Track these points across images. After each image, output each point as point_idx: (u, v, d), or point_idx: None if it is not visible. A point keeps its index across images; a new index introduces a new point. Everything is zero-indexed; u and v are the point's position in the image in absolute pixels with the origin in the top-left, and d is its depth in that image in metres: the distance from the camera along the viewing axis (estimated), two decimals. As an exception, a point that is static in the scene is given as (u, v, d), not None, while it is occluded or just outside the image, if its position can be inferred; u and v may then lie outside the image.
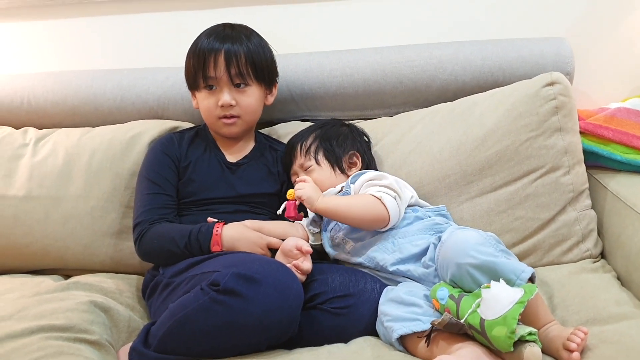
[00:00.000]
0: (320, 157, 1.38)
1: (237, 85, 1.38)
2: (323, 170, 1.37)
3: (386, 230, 1.25)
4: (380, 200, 1.22)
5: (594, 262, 1.34)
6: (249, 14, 1.62)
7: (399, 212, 1.23)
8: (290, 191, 1.30)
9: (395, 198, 1.23)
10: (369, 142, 1.47)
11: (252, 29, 1.45)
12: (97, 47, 1.75)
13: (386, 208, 1.21)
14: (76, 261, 1.48)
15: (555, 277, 1.26)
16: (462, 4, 1.65)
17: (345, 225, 1.28)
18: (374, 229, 1.25)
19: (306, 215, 1.38)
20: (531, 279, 1.06)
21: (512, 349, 0.94)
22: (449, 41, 1.60)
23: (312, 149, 1.39)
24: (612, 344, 0.99)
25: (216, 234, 1.25)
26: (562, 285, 1.22)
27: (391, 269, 1.20)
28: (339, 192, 1.33)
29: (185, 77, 1.45)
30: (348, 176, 1.36)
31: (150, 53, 1.73)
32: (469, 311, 0.97)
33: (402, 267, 1.19)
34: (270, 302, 1.04)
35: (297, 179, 1.34)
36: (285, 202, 1.30)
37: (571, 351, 0.97)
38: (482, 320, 0.96)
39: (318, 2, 1.67)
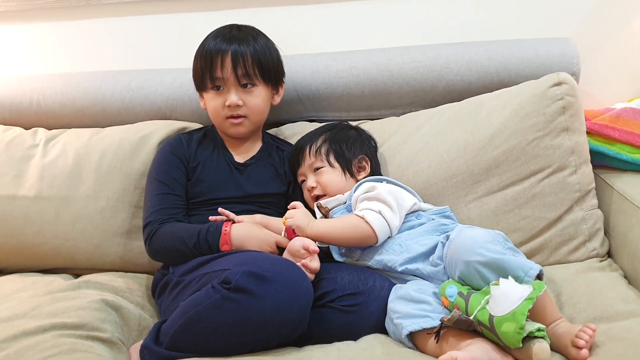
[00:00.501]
0: (332, 159, 1.39)
1: (244, 86, 1.40)
2: (335, 172, 1.38)
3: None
4: (363, 218, 1.23)
5: (601, 261, 1.34)
6: (256, 15, 1.64)
7: (387, 225, 1.23)
8: (283, 219, 1.30)
9: (380, 212, 1.23)
10: (376, 147, 1.48)
11: (258, 30, 1.46)
12: (105, 48, 1.77)
13: (370, 226, 1.22)
14: (86, 260, 1.50)
15: (563, 276, 1.26)
16: (467, 5, 1.66)
17: None
18: (366, 246, 1.26)
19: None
20: (539, 277, 1.07)
21: (521, 345, 0.95)
22: (455, 42, 1.61)
23: (323, 150, 1.40)
24: (620, 341, 1.00)
25: (225, 233, 1.27)
26: (569, 284, 1.22)
27: (400, 269, 1.21)
28: (344, 203, 1.34)
29: (193, 78, 1.46)
30: (357, 180, 1.37)
31: (158, 54, 1.75)
32: (478, 308, 0.98)
33: (411, 266, 1.20)
34: (280, 300, 1.05)
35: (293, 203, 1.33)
36: (284, 228, 1.31)
37: (579, 348, 0.98)
38: (491, 317, 0.97)
39: (325, 3, 1.68)
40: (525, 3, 1.65)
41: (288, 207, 1.33)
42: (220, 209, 1.32)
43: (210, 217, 1.32)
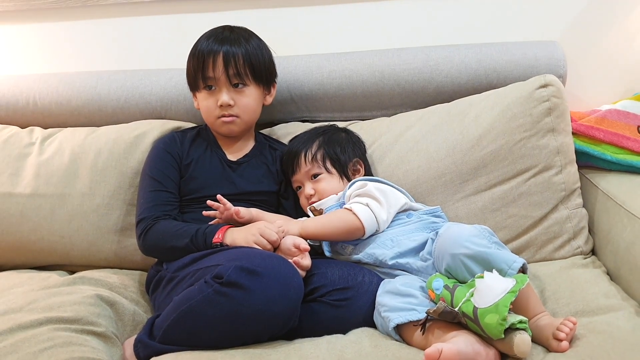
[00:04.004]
0: (329, 165, 1.41)
1: (235, 86, 1.42)
2: (332, 178, 1.40)
3: (380, 233, 1.28)
4: (351, 211, 1.26)
5: (585, 258, 1.37)
6: (250, 17, 1.66)
7: (374, 218, 1.26)
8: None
9: (367, 205, 1.26)
10: (365, 148, 1.50)
11: (251, 31, 1.48)
12: (101, 49, 1.78)
13: (357, 217, 1.25)
14: (81, 257, 1.52)
15: (547, 272, 1.29)
16: (458, 9, 1.69)
17: None
18: (355, 239, 1.28)
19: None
20: (523, 270, 1.10)
21: (503, 336, 0.97)
22: (445, 44, 1.63)
23: (319, 156, 1.41)
24: (600, 334, 1.02)
25: (221, 230, 1.28)
26: (553, 279, 1.25)
27: (390, 262, 1.23)
28: (337, 201, 1.36)
29: (186, 78, 1.48)
30: None
31: (153, 55, 1.77)
32: (463, 300, 1.01)
33: (401, 261, 1.23)
34: (271, 294, 1.07)
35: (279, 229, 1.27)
36: None
37: (560, 340, 1.00)
38: (475, 309, 0.99)
39: (318, 5, 1.70)
40: (514, 7, 1.67)
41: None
42: (219, 196, 1.30)
43: (204, 212, 1.33)
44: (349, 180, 1.40)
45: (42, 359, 1.04)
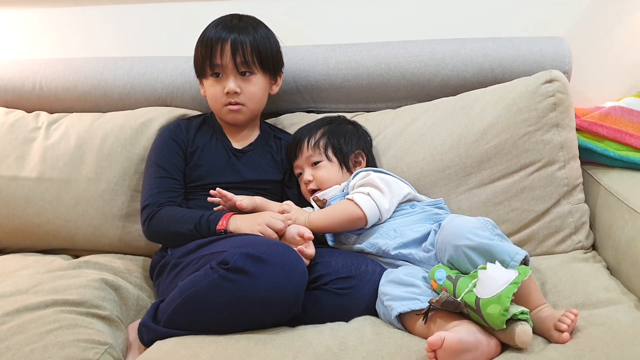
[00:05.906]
0: (330, 153, 1.42)
1: (243, 74, 1.43)
2: (332, 166, 1.41)
3: (383, 223, 1.30)
4: (352, 200, 1.27)
5: (586, 253, 1.38)
6: (258, 5, 1.66)
7: (376, 207, 1.27)
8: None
9: (368, 194, 1.27)
10: (371, 142, 1.51)
11: (259, 20, 1.49)
12: (108, 35, 1.79)
13: (359, 207, 1.26)
14: (86, 242, 1.53)
15: (548, 266, 1.30)
16: (465, 2, 1.69)
17: None
18: (358, 228, 1.29)
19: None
20: (525, 262, 1.11)
21: (505, 327, 0.98)
22: (451, 38, 1.64)
23: (321, 144, 1.42)
24: (600, 326, 1.03)
25: (225, 217, 1.29)
26: (554, 273, 1.26)
27: (393, 252, 1.24)
28: (341, 192, 1.37)
29: (193, 66, 1.49)
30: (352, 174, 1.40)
31: (161, 42, 1.78)
32: (466, 290, 1.02)
33: (404, 251, 1.24)
34: (276, 281, 1.08)
35: (282, 209, 1.32)
36: None
37: (561, 331, 1.01)
38: (477, 299, 1.00)
39: (326, -4, 1.72)
40: (521, 2, 1.68)
41: (279, 210, 1.32)
42: (218, 189, 1.32)
43: (209, 199, 1.33)
44: (349, 171, 1.41)
45: (48, 339, 1.05)
